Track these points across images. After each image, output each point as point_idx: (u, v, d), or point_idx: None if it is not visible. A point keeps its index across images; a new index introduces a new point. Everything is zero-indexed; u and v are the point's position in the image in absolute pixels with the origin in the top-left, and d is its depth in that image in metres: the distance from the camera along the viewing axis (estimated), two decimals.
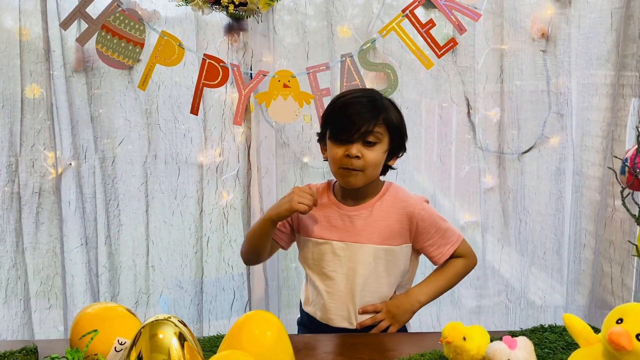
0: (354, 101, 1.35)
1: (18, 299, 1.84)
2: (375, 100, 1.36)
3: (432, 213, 1.41)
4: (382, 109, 1.34)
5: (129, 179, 1.90)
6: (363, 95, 1.39)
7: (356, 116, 1.31)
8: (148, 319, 0.80)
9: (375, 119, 1.32)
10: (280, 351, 0.76)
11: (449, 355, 0.97)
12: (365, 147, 1.32)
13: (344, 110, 1.34)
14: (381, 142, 1.34)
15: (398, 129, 1.37)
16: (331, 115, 1.38)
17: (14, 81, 1.78)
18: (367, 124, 1.31)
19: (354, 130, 1.30)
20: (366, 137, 1.31)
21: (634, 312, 0.80)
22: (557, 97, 1.87)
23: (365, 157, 1.31)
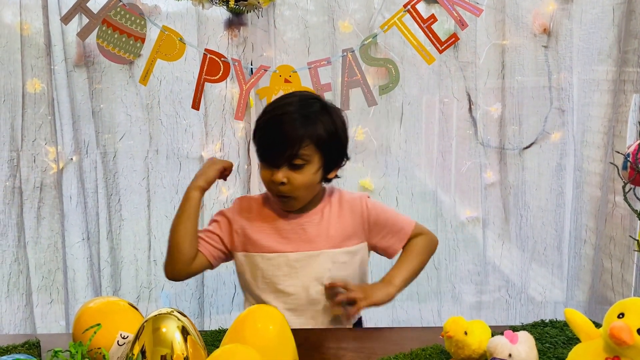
0: (278, 120, 1.24)
1: (20, 294, 1.85)
2: (304, 116, 1.24)
3: (378, 204, 1.38)
4: (309, 127, 1.23)
5: (131, 174, 1.90)
6: (292, 110, 1.26)
7: (279, 138, 1.21)
8: (151, 313, 0.80)
9: (300, 141, 1.21)
10: (283, 345, 0.77)
11: (450, 349, 0.97)
12: (292, 170, 1.23)
13: (267, 130, 1.25)
14: (310, 162, 1.24)
15: (330, 144, 1.26)
16: (256, 133, 1.28)
17: (15, 76, 1.79)
18: (290, 148, 1.21)
19: (277, 154, 1.22)
20: (292, 160, 1.22)
21: (635, 307, 0.80)
22: (558, 92, 1.87)
23: (293, 181, 1.23)
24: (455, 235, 1.96)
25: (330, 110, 1.29)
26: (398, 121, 1.89)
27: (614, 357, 0.80)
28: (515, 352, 0.89)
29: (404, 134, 1.89)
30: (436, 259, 1.95)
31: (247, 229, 1.32)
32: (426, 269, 1.63)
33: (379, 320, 1.97)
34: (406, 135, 1.90)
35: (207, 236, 1.35)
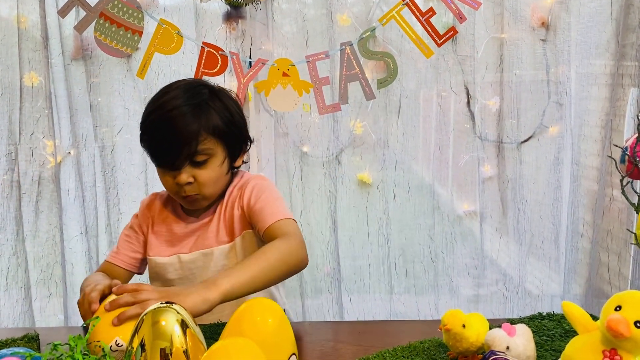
0: (167, 117, 1.13)
1: (19, 287, 1.86)
2: (194, 107, 1.15)
3: (262, 183, 1.24)
4: (202, 118, 1.14)
5: (128, 168, 1.91)
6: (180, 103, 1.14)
7: (173, 137, 1.11)
8: (149, 307, 0.81)
9: (197, 135, 1.12)
10: (282, 338, 0.77)
11: (448, 342, 0.97)
12: (196, 168, 1.14)
13: (158, 131, 1.14)
14: (213, 155, 1.16)
15: (229, 131, 1.18)
16: (146, 137, 1.17)
17: (13, 69, 1.79)
18: (187, 146, 1.11)
19: (175, 155, 1.12)
20: (193, 158, 1.13)
21: (632, 300, 0.80)
22: (556, 86, 1.88)
23: (199, 178, 1.15)
24: (452, 228, 1.97)
25: (220, 94, 1.21)
26: (396, 115, 1.90)
27: (612, 349, 0.80)
28: (512, 345, 0.90)
29: (401, 128, 1.90)
30: (433, 252, 1.96)
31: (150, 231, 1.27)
32: (423, 263, 1.63)
33: (376, 314, 1.99)
34: (404, 128, 1.90)
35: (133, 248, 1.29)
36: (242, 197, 1.22)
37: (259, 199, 1.19)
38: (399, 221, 1.94)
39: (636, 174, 0.89)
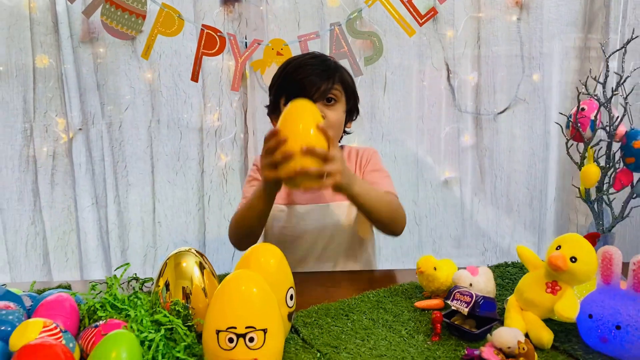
0: (307, 62, 1.31)
1: (37, 254, 2.01)
2: (328, 60, 1.35)
3: (376, 157, 1.43)
4: (336, 68, 1.33)
5: (135, 143, 2.05)
6: (313, 57, 1.35)
7: (313, 76, 1.27)
8: (172, 251, 0.97)
9: (332, 77, 1.29)
10: (281, 275, 0.93)
11: (422, 283, 1.14)
12: (326, 106, 1.28)
13: (299, 72, 1.29)
14: (340, 101, 1.31)
15: (352, 89, 1.36)
16: (285, 80, 1.32)
17: (25, 52, 1.91)
18: (325, 82, 1.27)
19: (314, 89, 1.26)
20: (326, 94, 1.28)
21: (570, 240, 0.97)
22: (529, 61, 2.03)
23: (328, 117, 1.27)
24: (435, 194, 2.13)
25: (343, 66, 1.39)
26: (382, 90, 2.04)
27: (553, 281, 0.97)
28: (475, 282, 1.07)
29: (387, 102, 2.04)
30: (417, 216, 2.13)
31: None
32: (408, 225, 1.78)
33: None
34: (390, 103, 2.05)
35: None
36: (360, 160, 1.39)
37: (379, 169, 1.40)
38: None
39: (578, 137, 1.05)
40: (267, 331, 0.78)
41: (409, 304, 1.11)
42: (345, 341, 0.96)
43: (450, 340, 0.96)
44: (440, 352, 0.93)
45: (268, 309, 0.80)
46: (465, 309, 0.97)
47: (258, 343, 0.77)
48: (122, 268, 1.02)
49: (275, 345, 0.80)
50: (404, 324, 1.03)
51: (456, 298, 1.00)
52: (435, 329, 0.98)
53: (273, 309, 0.81)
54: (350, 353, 0.92)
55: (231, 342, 0.77)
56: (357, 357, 0.91)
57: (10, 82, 1.92)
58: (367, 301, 1.13)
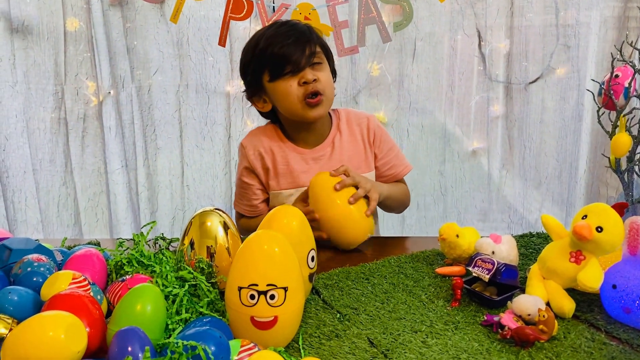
0: (280, 32, 1.27)
1: (69, 214, 2.08)
2: (298, 24, 1.31)
3: (383, 130, 1.41)
4: (310, 30, 1.30)
5: (164, 107, 2.07)
6: (282, 24, 1.30)
7: (293, 45, 1.24)
8: (197, 211, 0.98)
9: (311, 39, 1.27)
10: (303, 237, 0.94)
11: (444, 250, 1.14)
12: (314, 70, 1.26)
13: (276, 43, 1.25)
14: (324, 62, 1.30)
15: (329, 51, 1.34)
16: (263, 56, 1.27)
17: (57, 15, 1.93)
18: (308, 46, 1.25)
19: (300, 55, 1.24)
20: (312, 59, 1.26)
21: (596, 210, 0.95)
22: (564, 29, 1.96)
23: (321, 78, 1.26)
24: (462, 164, 2.11)
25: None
26: (411, 57, 2.01)
27: (577, 251, 0.96)
28: (497, 250, 1.06)
29: (416, 70, 2.01)
30: (443, 187, 2.11)
31: (275, 165, 1.36)
32: (433, 196, 1.79)
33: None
34: (418, 70, 2.02)
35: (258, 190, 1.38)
36: (366, 129, 1.39)
37: (392, 147, 1.42)
38: (412, 158, 2.06)
39: (610, 105, 1.02)
40: (287, 289, 0.79)
41: (430, 270, 1.12)
42: (364, 303, 0.98)
43: (470, 307, 0.97)
44: (459, 317, 0.93)
45: (289, 268, 0.81)
46: (486, 275, 0.97)
47: (279, 301, 0.79)
48: (148, 226, 1.05)
49: (296, 304, 0.82)
50: (424, 289, 1.03)
51: (477, 265, 1.00)
52: (456, 294, 0.98)
53: (294, 268, 0.82)
54: (370, 315, 0.94)
55: (252, 299, 0.78)
56: (377, 319, 0.92)
57: (42, 44, 1.95)
58: (387, 266, 1.14)
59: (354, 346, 0.85)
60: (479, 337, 0.87)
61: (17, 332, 0.66)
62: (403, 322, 0.91)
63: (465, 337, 0.87)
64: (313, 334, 0.88)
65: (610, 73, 0.98)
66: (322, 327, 0.90)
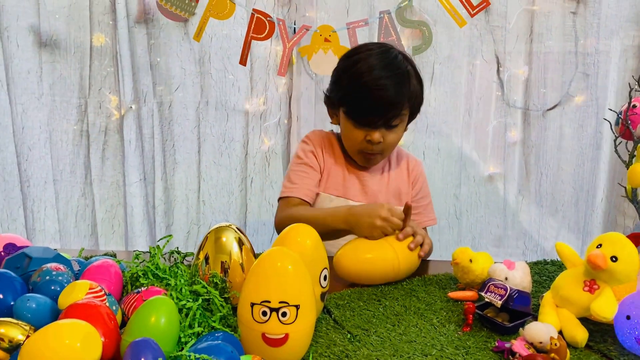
0: (376, 78, 1.22)
1: (86, 224, 2.10)
2: (400, 73, 1.23)
3: (426, 178, 1.43)
4: (407, 87, 1.23)
5: (184, 122, 2.10)
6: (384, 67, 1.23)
7: (382, 104, 1.21)
8: (213, 226, 1.00)
9: (401, 100, 1.23)
10: (317, 255, 0.95)
11: (457, 274, 1.14)
12: (387, 130, 1.25)
13: (368, 94, 1.22)
14: (403, 121, 1.28)
15: (419, 100, 1.30)
16: (352, 94, 1.24)
17: (84, 30, 1.99)
18: (393, 108, 1.22)
19: (379, 117, 1.22)
20: (390, 122, 1.24)
21: (611, 239, 0.95)
22: (584, 57, 1.97)
23: (387, 139, 1.25)
24: (477, 189, 2.10)
25: (411, 61, 1.29)
26: (429, 80, 2.03)
27: (591, 280, 0.95)
28: (510, 276, 1.06)
29: (434, 93, 2.03)
30: (458, 211, 2.11)
31: (329, 170, 1.37)
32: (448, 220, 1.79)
33: None
34: (436, 93, 2.03)
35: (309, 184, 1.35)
36: (413, 172, 1.40)
37: (426, 196, 1.43)
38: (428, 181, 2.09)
39: (627, 135, 1.02)
40: (299, 307, 0.80)
41: (442, 294, 1.12)
42: (376, 325, 0.98)
43: (482, 332, 0.96)
44: (470, 342, 0.93)
45: (302, 286, 0.82)
46: (498, 301, 0.96)
47: (290, 318, 0.79)
48: (165, 239, 1.06)
49: (307, 322, 0.82)
50: (435, 313, 1.03)
51: (490, 290, 0.99)
52: (467, 319, 0.98)
53: (307, 286, 0.83)
54: (380, 337, 0.94)
55: (264, 316, 0.79)
56: (387, 341, 0.92)
57: (69, 58, 2.01)
58: (400, 288, 1.14)
59: None
60: None
61: (35, 339, 0.67)
62: (414, 345, 0.91)
63: None
64: (323, 353, 0.88)
65: (627, 103, 0.99)
66: (332, 347, 0.90)
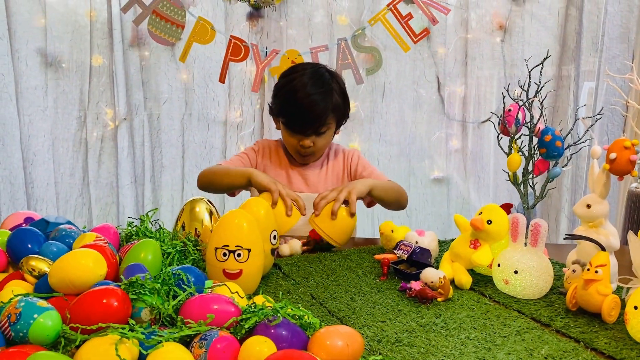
0: (305, 95, 1.45)
1: (83, 221, 2.38)
2: (325, 90, 1.47)
3: (363, 158, 1.68)
4: (330, 99, 1.47)
5: (170, 132, 2.41)
6: (313, 84, 1.46)
7: (309, 113, 1.45)
8: (189, 199, 1.30)
9: (326, 113, 1.46)
10: (268, 222, 1.23)
11: (382, 242, 1.44)
12: (317, 136, 1.50)
13: (297, 105, 1.45)
14: (330, 127, 1.52)
15: (343, 109, 1.53)
16: (284, 105, 1.49)
17: (85, 52, 2.30)
18: (319, 120, 1.46)
19: (308, 126, 1.47)
20: (319, 129, 1.49)
21: (488, 208, 1.26)
22: (510, 78, 2.31)
23: (317, 144, 1.50)
24: (424, 190, 2.42)
25: (336, 76, 1.54)
26: (381, 97, 2.36)
27: (475, 239, 1.26)
28: (420, 241, 1.36)
29: (385, 108, 2.36)
30: (409, 209, 2.41)
31: (267, 169, 1.63)
32: (400, 216, 2.09)
33: None
34: (387, 108, 2.36)
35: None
36: (349, 160, 1.65)
37: (368, 167, 1.66)
38: None
39: (505, 132, 1.35)
40: (250, 251, 1.10)
41: (370, 258, 1.42)
42: (314, 275, 1.28)
43: (394, 280, 1.27)
44: (384, 286, 1.23)
45: (252, 235, 1.11)
46: (405, 255, 1.27)
47: (243, 258, 1.09)
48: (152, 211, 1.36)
49: (257, 262, 1.12)
50: (362, 269, 1.33)
51: (400, 248, 1.30)
52: (383, 270, 1.28)
53: (256, 236, 1.13)
54: (316, 282, 1.24)
55: (225, 256, 1.08)
56: (321, 285, 1.22)
57: (70, 76, 2.31)
58: (339, 254, 1.44)
59: (299, 298, 1.15)
60: (394, 297, 1.17)
61: (59, 262, 0.96)
62: (341, 287, 1.21)
63: (383, 297, 1.17)
64: (271, 290, 1.18)
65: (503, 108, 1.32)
66: (278, 288, 1.19)
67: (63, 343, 0.76)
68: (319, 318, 1.00)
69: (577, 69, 2.16)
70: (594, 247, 1.10)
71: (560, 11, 2.21)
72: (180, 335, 0.77)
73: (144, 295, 0.82)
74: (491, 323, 1.04)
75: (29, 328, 0.75)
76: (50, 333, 0.75)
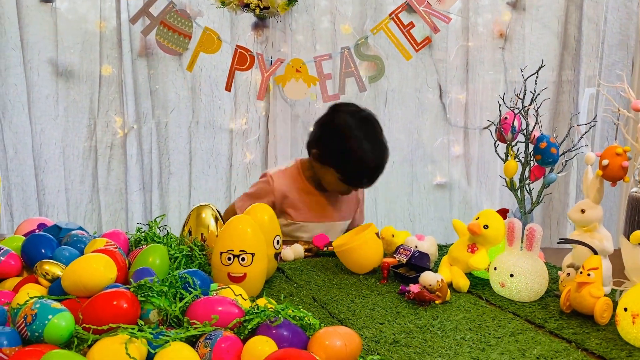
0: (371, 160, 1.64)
1: (92, 227, 2.44)
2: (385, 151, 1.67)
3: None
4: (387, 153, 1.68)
5: (177, 139, 2.46)
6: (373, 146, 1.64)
7: (376, 175, 1.68)
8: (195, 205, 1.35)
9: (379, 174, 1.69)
10: (271, 227, 1.27)
11: (383, 246, 1.48)
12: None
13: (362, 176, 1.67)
14: None
15: None
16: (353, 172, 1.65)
17: (95, 62, 2.36)
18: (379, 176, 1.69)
19: (370, 184, 1.71)
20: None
21: (484, 213, 1.30)
22: (511, 84, 2.35)
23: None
24: (427, 195, 2.46)
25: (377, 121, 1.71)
26: (383, 104, 2.40)
27: (472, 244, 1.30)
28: (419, 245, 1.40)
29: (387, 115, 2.40)
30: (412, 214, 2.46)
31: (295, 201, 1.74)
32: (403, 220, 2.13)
33: None
34: (389, 115, 2.40)
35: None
36: (362, 195, 1.85)
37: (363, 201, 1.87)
38: (385, 189, 2.45)
39: (502, 139, 1.39)
40: (254, 255, 1.14)
41: None
42: (316, 279, 1.32)
43: (394, 283, 1.31)
44: (384, 289, 1.27)
45: (256, 240, 1.16)
46: (404, 258, 1.31)
47: (247, 262, 1.13)
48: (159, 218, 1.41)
49: (260, 266, 1.16)
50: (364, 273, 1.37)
51: (400, 252, 1.34)
52: (383, 273, 1.32)
53: (260, 241, 1.17)
54: (318, 285, 1.28)
55: (229, 260, 1.13)
56: (322, 287, 1.26)
57: (81, 85, 2.37)
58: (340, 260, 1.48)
59: (301, 301, 1.19)
60: (393, 300, 1.21)
61: (72, 266, 1.00)
62: (342, 290, 1.25)
63: (383, 299, 1.21)
64: (274, 293, 1.22)
65: (499, 116, 1.36)
66: (281, 290, 1.24)
67: (76, 342, 0.80)
68: (320, 320, 1.04)
69: (577, 76, 2.20)
70: (588, 251, 1.14)
71: (560, 19, 2.24)
72: (187, 335, 0.82)
73: (152, 298, 0.87)
74: (486, 324, 1.08)
75: (44, 328, 0.79)
76: (64, 333, 0.80)
